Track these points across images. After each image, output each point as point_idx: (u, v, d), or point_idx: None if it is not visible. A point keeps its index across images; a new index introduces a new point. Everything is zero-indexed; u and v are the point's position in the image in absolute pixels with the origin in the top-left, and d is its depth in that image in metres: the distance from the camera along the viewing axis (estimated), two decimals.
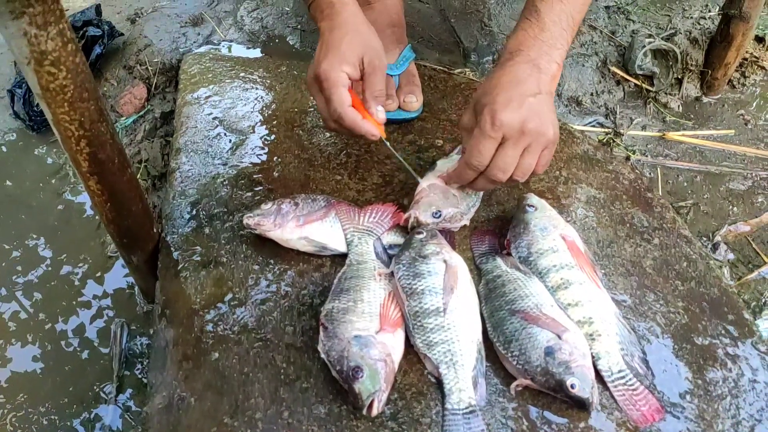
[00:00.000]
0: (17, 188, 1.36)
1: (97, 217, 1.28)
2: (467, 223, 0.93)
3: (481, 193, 0.98)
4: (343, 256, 0.89)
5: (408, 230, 0.91)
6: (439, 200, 0.90)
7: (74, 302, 1.17)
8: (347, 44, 0.87)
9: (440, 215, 0.89)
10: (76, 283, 1.20)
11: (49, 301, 1.18)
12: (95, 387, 1.07)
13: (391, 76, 1.14)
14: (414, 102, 1.13)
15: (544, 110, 0.83)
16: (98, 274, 1.20)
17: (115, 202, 0.84)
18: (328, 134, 1.12)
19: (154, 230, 0.95)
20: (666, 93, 1.44)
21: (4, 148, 1.43)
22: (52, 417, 1.04)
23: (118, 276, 1.20)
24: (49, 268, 1.22)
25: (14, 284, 1.20)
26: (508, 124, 0.81)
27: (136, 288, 1.15)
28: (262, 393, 0.76)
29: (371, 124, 0.89)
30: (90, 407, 1.04)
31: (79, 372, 1.08)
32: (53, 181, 1.36)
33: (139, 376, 1.07)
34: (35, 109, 1.41)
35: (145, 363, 1.08)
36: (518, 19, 0.91)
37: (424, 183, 0.94)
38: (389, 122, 1.13)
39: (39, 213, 1.31)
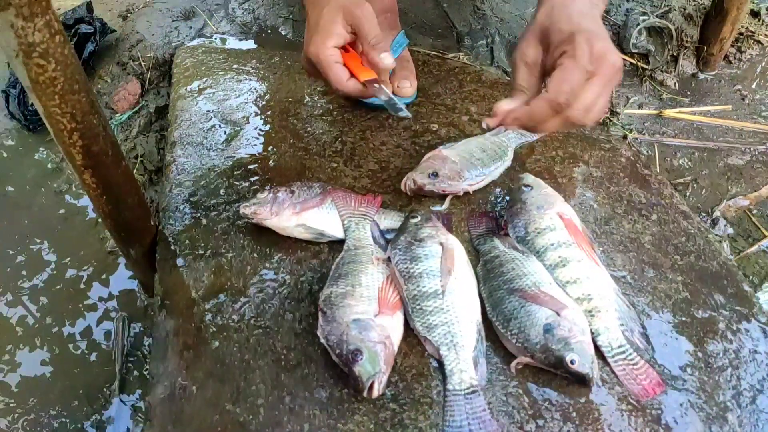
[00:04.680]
0: (17, 191, 1.36)
1: (100, 219, 1.28)
2: (469, 189, 0.93)
3: (493, 166, 0.97)
4: (341, 242, 0.89)
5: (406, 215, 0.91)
6: (437, 164, 0.92)
7: (80, 305, 1.17)
8: (327, 16, 0.86)
9: (437, 176, 0.90)
10: (82, 285, 1.20)
11: (55, 304, 1.17)
12: (105, 388, 1.07)
13: None
14: (408, 87, 1.13)
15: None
16: (103, 276, 1.20)
17: (111, 195, 0.84)
18: (323, 123, 1.12)
19: (152, 223, 0.95)
20: (662, 70, 1.43)
21: (3, 152, 1.43)
22: (63, 419, 1.04)
23: (123, 277, 1.20)
24: (54, 272, 1.22)
25: (20, 289, 1.20)
26: (607, 56, 0.71)
27: (137, 282, 1.15)
28: (263, 379, 0.76)
29: (377, 88, 0.87)
30: (100, 408, 1.04)
31: (88, 374, 1.09)
32: (54, 183, 1.35)
33: (148, 376, 1.07)
34: (30, 108, 1.41)
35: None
36: None
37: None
38: (383, 109, 1.13)
39: (41, 215, 1.31)
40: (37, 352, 1.12)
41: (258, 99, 1.18)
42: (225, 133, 1.11)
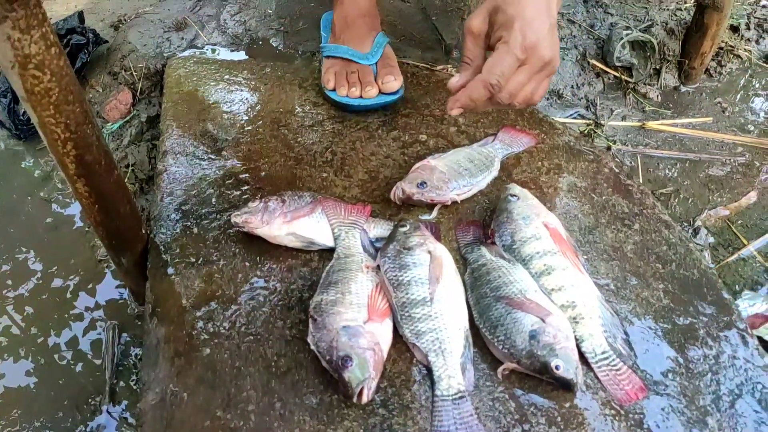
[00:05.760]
0: (4, 199, 1.35)
1: (87, 228, 1.28)
2: (457, 198, 0.96)
3: (480, 177, 1.00)
4: (331, 251, 0.90)
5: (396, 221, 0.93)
6: (425, 174, 0.95)
7: (66, 315, 1.17)
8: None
9: (425, 185, 0.93)
10: (68, 295, 1.19)
11: (40, 314, 1.17)
12: (90, 400, 1.06)
13: (369, 65, 1.16)
14: (393, 81, 1.13)
15: (557, 40, 0.81)
16: (90, 286, 1.20)
17: (103, 204, 0.85)
18: (313, 133, 1.13)
19: (143, 231, 0.96)
20: (645, 83, 1.47)
21: None
22: (47, 431, 1.03)
23: (111, 286, 1.20)
24: (40, 281, 1.21)
25: (5, 299, 1.19)
26: (539, 48, 0.77)
27: (127, 291, 1.15)
28: (254, 386, 0.77)
29: None
30: (86, 420, 1.04)
31: (74, 385, 1.08)
32: (41, 192, 1.35)
33: (135, 388, 1.07)
34: (21, 117, 1.41)
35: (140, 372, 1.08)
36: None
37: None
38: (372, 110, 1.14)
39: (28, 224, 1.30)
40: (21, 363, 1.11)
41: (249, 109, 1.20)
42: (217, 142, 1.12)
